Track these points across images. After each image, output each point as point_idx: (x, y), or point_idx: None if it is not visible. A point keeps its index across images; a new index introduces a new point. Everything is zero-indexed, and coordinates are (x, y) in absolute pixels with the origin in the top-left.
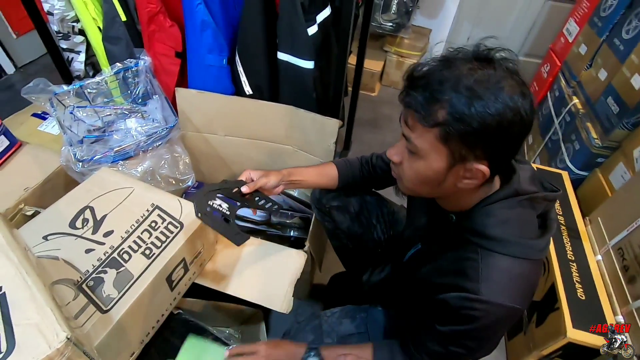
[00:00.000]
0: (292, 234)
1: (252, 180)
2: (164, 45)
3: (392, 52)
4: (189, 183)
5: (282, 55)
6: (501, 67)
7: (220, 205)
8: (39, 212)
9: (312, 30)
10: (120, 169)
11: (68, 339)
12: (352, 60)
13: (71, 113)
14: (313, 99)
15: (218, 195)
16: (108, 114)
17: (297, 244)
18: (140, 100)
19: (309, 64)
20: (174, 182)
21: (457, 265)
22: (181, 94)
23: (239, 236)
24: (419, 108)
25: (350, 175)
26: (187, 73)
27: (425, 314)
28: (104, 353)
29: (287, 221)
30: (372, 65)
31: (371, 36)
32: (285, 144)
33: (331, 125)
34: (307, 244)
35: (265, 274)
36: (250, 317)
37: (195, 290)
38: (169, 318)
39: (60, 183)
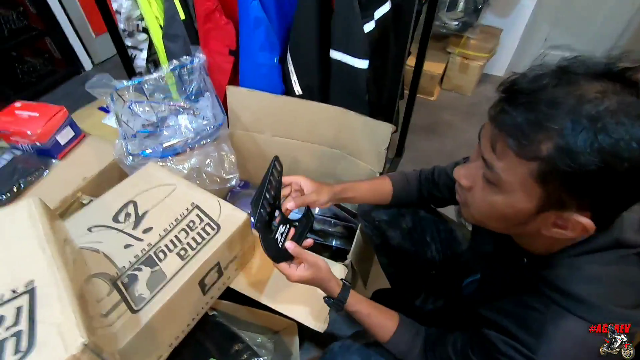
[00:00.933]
0: (334, 243)
1: (299, 189)
2: (218, 43)
3: (455, 53)
4: (233, 182)
5: (335, 54)
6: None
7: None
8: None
9: (369, 27)
10: (168, 164)
11: (85, 345)
12: (411, 61)
13: (129, 108)
14: (365, 101)
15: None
16: (163, 109)
17: (338, 254)
18: (193, 97)
19: (363, 64)
20: (218, 180)
21: (519, 311)
22: (232, 92)
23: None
24: (516, 133)
25: (406, 194)
26: (239, 73)
27: (463, 334)
28: (130, 354)
29: (330, 229)
30: (432, 67)
31: (433, 36)
32: (334, 148)
33: (384, 130)
34: (349, 257)
35: (302, 287)
36: (285, 327)
37: (231, 293)
38: (203, 320)
39: (115, 175)
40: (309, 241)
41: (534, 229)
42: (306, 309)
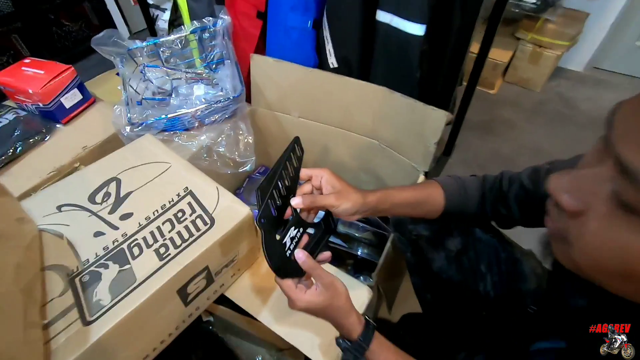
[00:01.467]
0: (359, 252)
1: (320, 186)
2: (246, 2)
3: (527, 39)
4: (248, 167)
5: (383, 16)
6: None
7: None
8: None
9: None
10: (176, 139)
11: None
12: (473, 47)
13: (141, 72)
14: (416, 79)
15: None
16: (179, 77)
17: (363, 265)
18: (214, 66)
19: (418, 29)
20: (231, 163)
21: None
22: (256, 61)
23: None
24: None
25: (461, 207)
26: (267, 38)
27: None
28: None
29: (356, 234)
30: (496, 54)
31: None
32: (370, 137)
33: (436, 119)
34: (374, 277)
35: None
36: (290, 347)
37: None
38: (194, 325)
39: (119, 147)
40: (326, 254)
41: None
42: (314, 338)
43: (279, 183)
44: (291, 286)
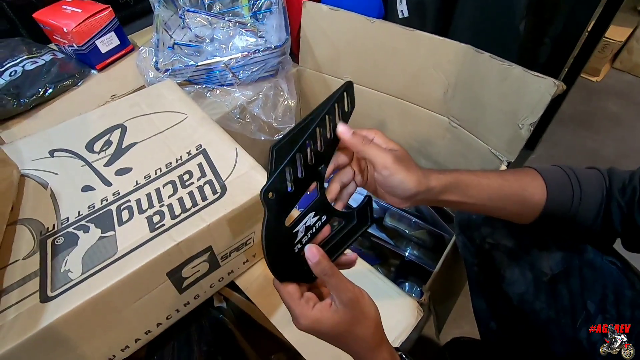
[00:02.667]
0: (407, 252)
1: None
2: None
3: None
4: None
5: None
6: None
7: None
8: None
9: None
10: (207, 95)
11: None
12: None
13: (181, 17)
14: (518, 34)
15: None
16: (221, 26)
17: (410, 269)
18: (261, 16)
19: None
20: (267, 128)
21: None
22: (309, 9)
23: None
24: None
25: (572, 210)
26: None
27: None
28: None
29: (406, 231)
30: (609, 33)
31: None
32: (439, 113)
33: (539, 90)
34: (426, 291)
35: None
36: None
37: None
38: (202, 311)
39: None
40: (350, 257)
41: None
42: (334, 356)
43: (308, 145)
44: (293, 294)
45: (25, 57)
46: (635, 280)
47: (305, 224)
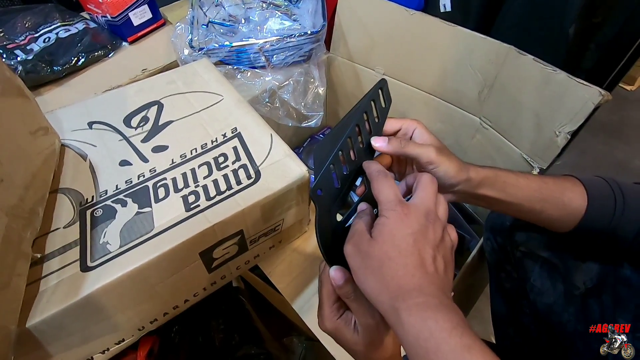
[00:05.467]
0: None
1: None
2: None
3: None
4: (313, 123)
5: None
6: None
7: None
8: None
9: None
10: (238, 76)
11: None
12: None
13: None
14: (567, 37)
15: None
16: (255, 6)
17: None
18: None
19: None
20: (295, 115)
21: None
22: None
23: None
24: None
25: (613, 222)
26: None
27: None
28: (54, 335)
29: None
30: None
31: None
32: (471, 112)
33: (583, 98)
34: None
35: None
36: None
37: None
38: (222, 289)
39: None
40: None
41: None
42: None
43: (349, 142)
44: (329, 296)
45: (59, 24)
46: None
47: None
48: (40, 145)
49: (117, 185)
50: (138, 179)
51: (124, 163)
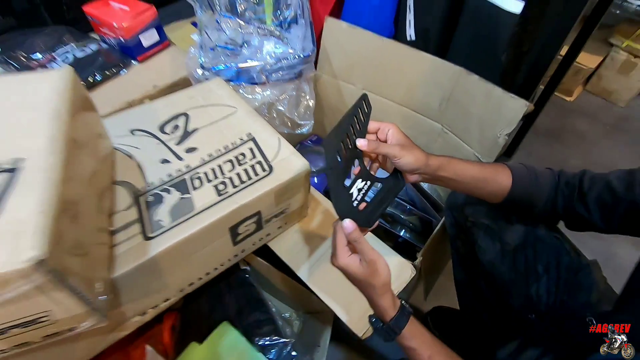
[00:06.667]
0: (401, 233)
1: (385, 139)
2: None
3: (621, 46)
4: (305, 130)
5: None
6: None
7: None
8: None
9: None
10: (240, 91)
11: (42, 261)
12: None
13: (217, 21)
14: (499, 63)
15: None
16: (250, 31)
17: (404, 248)
18: (287, 25)
19: (516, 6)
20: (289, 123)
21: None
22: (330, 25)
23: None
24: None
25: (530, 196)
26: (344, 2)
27: None
28: (127, 286)
29: (402, 216)
30: (582, 59)
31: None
32: (434, 120)
33: (513, 108)
34: (419, 257)
35: None
36: (320, 311)
37: (269, 252)
38: (232, 270)
39: None
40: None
41: None
42: (352, 303)
43: (347, 136)
44: (342, 241)
45: (74, 45)
46: (570, 250)
47: (357, 187)
48: (102, 145)
49: (161, 178)
50: (177, 173)
51: (164, 161)
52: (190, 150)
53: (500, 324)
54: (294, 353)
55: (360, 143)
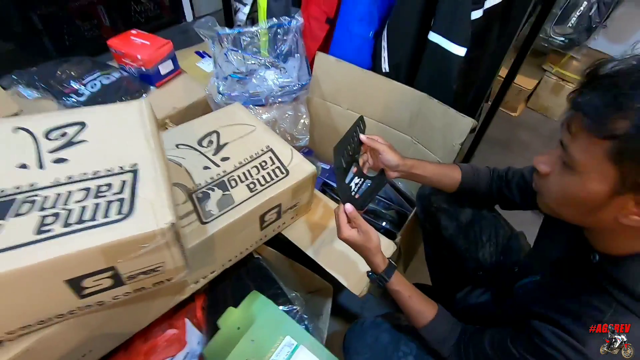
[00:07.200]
0: (383, 224)
1: (373, 145)
2: (318, 8)
3: (552, 72)
4: (302, 143)
5: (434, 37)
6: None
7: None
8: None
9: (476, 15)
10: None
11: (172, 224)
12: (502, 71)
13: (225, 54)
14: (452, 90)
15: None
16: (253, 62)
17: (386, 235)
18: (282, 57)
19: (460, 51)
20: (289, 137)
21: (577, 308)
22: (320, 58)
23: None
24: (591, 112)
25: (474, 186)
26: (332, 41)
27: (502, 329)
28: (191, 258)
29: (383, 211)
30: (522, 81)
31: (531, 50)
32: (405, 133)
33: (463, 124)
34: (399, 236)
35: (348, 251)
36: (320, 289)
37: (276, 246)
38: (247, 259)
39: (199, 111)
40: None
41: (609, 217)
42: (348, 271)
43: (348, 146)
44: (344, 219)
45: (100, 73)
46: (504, 224)
47: (354, 182)
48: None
49: (205, 181)
50: (217, 177)
51: (206, 168)
52: (225, 159)
53: (459, 282)
54: (305, 316)
55: (362, 137)
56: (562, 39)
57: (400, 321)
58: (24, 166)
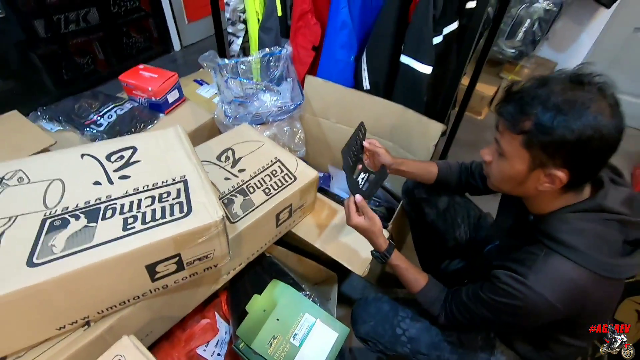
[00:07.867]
0: None
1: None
2: (305, 39)
3: (508, 79)
4: (299, 155)
5: (404, 58)
6: (593, 89)
7: (363, 177)
8: None
9: (437, 40)
10: None
11: (223, 217)
12: (465, 81)
13: (226, 82)
14: (423, 102)
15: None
16: (250, 87)
17: None
18: (275, 81)
19: (427, 69)
20: (288, 150)
21: (521, 256)
22: (309, 81)
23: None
24: (509, 117)
25: (447, 178)
26: (319, 65)
27: (475, 283)
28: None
29: (373, 208)
30: (484, 89)
31: (488, 61)
32: (388, 140)
33: (435, 129)
34: (390, 225)
35: (351, 240)
36: (326, 279)
37: (285, 244)
38: (261, 258)
39: (205, 133)
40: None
41: (532, 186)
42: (351, 257)
43: (353, 148)
44: (353, 207)
45: (113, 105)
46: (474, 207)
47: (361, 177)
48: None
49: (228, 189)
50: (237, 185)
51: (227, 179)
52: (242, 170)
53: (442, 258)
54: (316, 299)
55: (365, 144)
56: (513, 50)
57: (397, 294)
58: (97, 183)
